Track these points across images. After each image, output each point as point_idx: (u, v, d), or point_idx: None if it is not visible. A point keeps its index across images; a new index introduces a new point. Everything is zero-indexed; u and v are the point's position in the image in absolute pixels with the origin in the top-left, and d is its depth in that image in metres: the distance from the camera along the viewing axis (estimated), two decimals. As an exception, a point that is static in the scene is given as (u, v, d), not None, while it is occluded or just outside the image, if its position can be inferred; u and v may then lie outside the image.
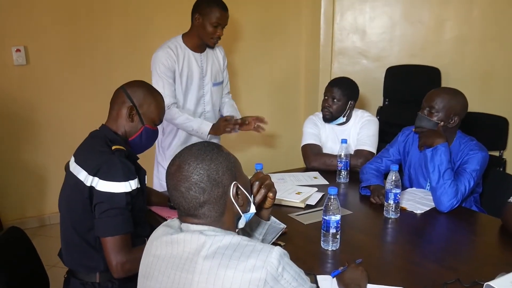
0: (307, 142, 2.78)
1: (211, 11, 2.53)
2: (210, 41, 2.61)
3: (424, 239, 1.92)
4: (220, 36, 2.61)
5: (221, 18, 2.55)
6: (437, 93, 2.22)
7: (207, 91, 2.76)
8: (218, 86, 2.83)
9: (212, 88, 2.78)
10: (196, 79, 2.70)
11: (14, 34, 3.41)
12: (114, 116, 1.75)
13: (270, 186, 1.32)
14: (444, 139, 2.10)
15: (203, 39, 2.62)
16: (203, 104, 2.77)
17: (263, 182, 1.30)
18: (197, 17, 2.57)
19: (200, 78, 2.71)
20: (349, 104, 2.69)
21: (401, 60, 4.19)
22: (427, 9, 4.14)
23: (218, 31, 2.58)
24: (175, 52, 2.61)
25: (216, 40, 2.62)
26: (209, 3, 2.54)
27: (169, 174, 1.14)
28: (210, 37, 2.59)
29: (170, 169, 1.15)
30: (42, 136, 3.64)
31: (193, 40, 2.66)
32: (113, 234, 1.54)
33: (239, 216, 1.19)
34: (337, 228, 1.71)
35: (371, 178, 2.31)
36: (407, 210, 2.10)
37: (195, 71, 2.69)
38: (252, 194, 1.27)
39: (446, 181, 2.04)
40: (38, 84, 3.55)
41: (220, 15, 2.54)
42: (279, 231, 1.45)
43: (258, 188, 1.29)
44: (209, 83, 2.76)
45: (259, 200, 1.29)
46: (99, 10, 3.61)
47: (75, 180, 1.61)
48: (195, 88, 2.71)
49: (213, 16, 2.53)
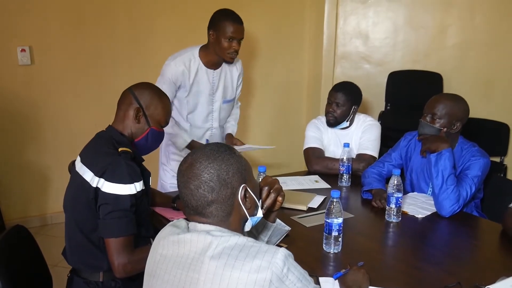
0: (309, 146, 2.79)
1: (225, 25, 2.48)
2: (227, 56, 2.54)
3: (425, 243, 1.94)
4: (236, 50, 2.53)
5: (235, 32, 2.49)
6: (439, 99, 2.23)
7: (216, 108, 2.74)
8: (228, 104, 2.81)
9: (221, 105, 2.76)
10: (205, 95, 2.67)
11: (19, 34, 3.43)
12: (121, 117, 1.77)
13: (279, 191, 1.35)
14: (448, 145, 2.12)
15: (220, 55, 2.56)
16: (211, 120, 2.76)
17: (272, 186, 1.33)
18: (212, 33, 2.53)
19: (210, 94, 2.68)
20: (352, 109, 2.71)
21: (404, 66, 4.20)
22: (430, 15, 4.15)
23: (233, 45, 2.50)
24: (188, 67, 2.58)
25: (233, 54, 2.54)
26: (222, 18, 2.51)
27: (180, 171, 1.17)
28: (226, 52, 2.52)
29: (182, 166, 1.17)
30: (45, 136, 3.66)
31: (208, 57, 2.61)
32: (116, 235, 1.57)
33: (245, 219, 1.21)
34: (339, 231, 1.73)
35: (373, 182, 2.32)
36: (409, 214, 2.12)
37: (205, 87, 2.65)
38: (261, 199, 1.30)
39: (449, 186, 2.06)
40: (42, 84, 3.57)
41: (233, 29, 2.48)
42: (284, 233, 1.47)
43: (267, 193, 1.32)
44: (219, 100, 2.73)
45: (269, 204, 1.32)
46: (104, 11, 3.63)
47: (81, 180, 1.63)
48: (204, 103, 2.69)
49: (227, 30, 2.47)
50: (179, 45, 3.84)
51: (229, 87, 2.77)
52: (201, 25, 3.94)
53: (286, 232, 1.48)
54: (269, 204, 1.32)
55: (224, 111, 2.81)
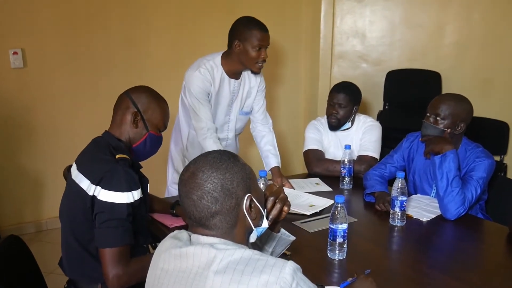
0: (309, 148, 2.75)
1: (252, 34, 2.35)
2: (255, 66, 2.42)
3: (432, 248, 1.89)
4: (265, 59, 2.41)
5: (263, 39, 2.37)
6: (442, 100, 2.19)
7: (233, 118, 2.63)
8: (245, 115, 2.70)
9: (238, 116, 2.65)
10: (224, 104, 2.55)
11: (11, 37, 3.37)
12: (118, 122, 1.72)
13: (285, 200, 1.29)
14: (452, 146, 2.08)
15: (247, 65, 2.44)
16: (227, 130, 2.66)
17: (277, 196, 1.28)
18: (237, 44, 2.38)
19: (229, 104, 2.57)
20: (354, 109, 2.66)
21: (401, 64, 4.17)
22: (427, 13, 4.12)
23: (262, 54, 2.38)
24: (211, 73, 2.44)
25: (261, 64, 2.43)
26: (248, 26, 2.38)
27: (182, 180, 1.11)
28: (255, 61, 2.39)
29: (184, 175, 1.12)
30: (39, 140, 3.59)
31: (231, 66, 2.48)
32: (111, 245, 1.51)
33: (250, 230, 1.16)
34: (344, 237, 1.68)
35: (375, 185, 2.28)
36: (413, 217, 2.07)
37: (225, 96, 2.53)
38: (266, 209, 1.24)
39: (454, 188, 2.02)
40: (35, 88, 3.50)
41: (261, 36, 2.36)
42: (288, 243, 1.42)
43: (273, 203, 1.26)
44: (236, 111, 2.63)
45: (275, 215, 1.26)
46: (98, 13, 3.57)
47: (77, 188, 1.57)
48: (222, 114, 2.58)
49: (254, 38, 2.35)
50: (175, 47, 3.84)
51: (248, 98, 2.64)
52: (198, 27, 3.94)
53: (291, 242, 1.43)
54: (275, 215, 1.26)
55: (240, 122, 2.69)
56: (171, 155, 2.76)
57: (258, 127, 2.73)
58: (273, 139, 2.72)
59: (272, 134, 2.73)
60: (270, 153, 2.65)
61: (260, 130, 2.73)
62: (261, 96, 2.69)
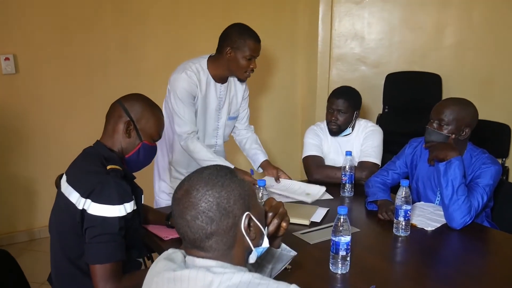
0: (308, 154, 2.67)
1: (245, 44, 2.30)
2: (243, 75, 2.39)
3: (437, 259, 1.81)
4: (253, 69, 2.38)
5: (255, 50, 2.33)
6: (446, 105, 2.12)
7: (221, 124, 2.58)
8: (232, 120, 2.65)
9: (226, 121, 2.59)
10: (212, 110, 2.49)
11: (2, 42, 3.29)
12: (110, 131, 1.65)
13: (284, 216, 1.22)
14: (457, 152, 2.00)
15: (235, 73, 2.41)
16: (216, 137, 2.59)
17: (276, 212, 1.20)
18: (229, 51, 2.33)
19: (217, 109, 2.51)
20: (354, 114, 2.59)
21: (401, 67, 4.11)
22: (426, 15, 4.07)
23: (252, 64, 2.35)
24: (197, 76, 2.38)
25: (249, 73, 2.40)
26: (242, 35, 2.32)
27: (175, 199, 1.04)
28: (244, 71, 2.36)
29: (177, 193, 1.04)
30: (31, 147, 3.51)
31: (218, 71, 2.42)
32: (102, 261, 1.43)
33: (250, 250, 1.08)
34: (347, 250, 1.61)
35: (377, 192, 2.21)
36: (417, 226, 2.00)
37: (212, 101, 2.48)
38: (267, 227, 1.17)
39: (460, 197, 1.95)
40: (28, 94, 3.43)
41: (254, 47, 2.32)
42: (289, 259, 1.34)
43: (271, 219, 1.18)
44: (224, 117, 2.57)
45: (272, 231, 1.18)
46: (92, 17, 3.50)
47: (66, 202, 1.50)
48: (210, 120, 2.52)
49: (247, 48, 2.30)
50: (172, 50, 3.76)
51: (234, 103, 2.60)
52: (194, 31, 3.86)
53: (292, 257, 1.35)
54: (272, 231, 1.18)
55: (228, 128, 2.64)
56: (157, 163, 2.68)
57: (242, 132, 2.75)
58: (257, 139, 2.75)
59: (255, 135, 2.76)
60: (257, 150, 2.69)
61: (244, 134, 2.75)
62: (246, 104, 2.71)
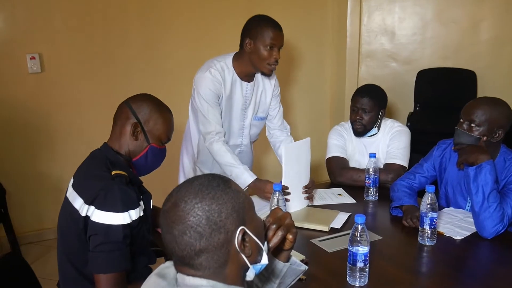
0: (332, 155, 2.56)
1: (264, 32, 2.20)
2: (266, 67, 2.26)
3: (465, 272, 1.68)
4: (277, 60, 2.25)
5: (276, 38, 2.21)
6: (477, 104, 1.97)
7: (247, 124, 2.48)
8: (260, 121, 2.54)
9: (252, 121, 2.50)
10: (237, 109, 2.40)
11: (28, 41, 3.31)
12: (117, 133, 1.60)
13: (290, 227, 1.13)
14: (489, 156, 1.86)
15: (258, 65, 2.27)
16: (241, 137, 2.50)
17: (281, 224, 1.11)
18: (248, 42, 2.23)
19: (242, 109, 2.42)
20: (380, 113, 2.47)
21: (434, 63, 3.95)
22: (461, 9, 3.90)
23: (274, 54, 2.23)
24: (222, 75, 2.29)
25: (273, 65, 2.27)
26: (260, 23, 2.22)
27: (162, 212, 0.96)
28: (266, 62, 2.24)
29: (165, 205, 0.96)
30: (57, 146, 3.53)
31: (243, 67, 2.33)
32: (106, 271, 1.38)
33: (246, 268, 0.99)
34: (365, 261, 1.50)
35: (403, 197, 2.08)
36: (445, 235, 1.87)
37: (238, 100, 2.38)
38: (267, 240, 1.08)
39: (492, 204, 1.81)
40: (53, 93, 3.44)
41: (273, 35, 2.20)
42: (299, 273, 1.25)
43: (274, 232, 1.09)
44: (250, 116, 2.48)
45: (275, 244, 1.09)
46: (116, 16, 3.49)
47: (70, 208, 1.46)
48: (236, 119, 2.43)
49: (266, 36, 2.19)
50: (195, 49, 3.71)
51: (262, 103, 2.49)
52: (217, 28, 3.80)
53: (302, 272, 1.26)
54: (275, 244, 1.09)
55: (254, 128, 2.54)
56: (182, 164, 2.62)
57: (276, 133, 2.59)
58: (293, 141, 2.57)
59: (291, 139, 2.58)
60: None
61: (278, 136, 2.59)
62: (277, 101, 2.55)
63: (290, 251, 1.20)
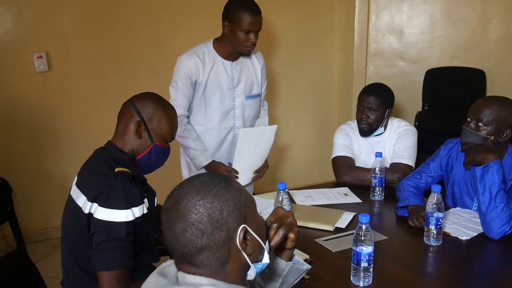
0: (338, 154, 2.55)
1: (241, 16, 2.25)
2: (244, 49, 2.35)
3: (471, 273, 1.66)
4: (254, 43, 2.32)
5: (252, 24, 2.27)
6: (484, 103, 1.95)
7: (238, 104, 2.49)
8: (253, 100, 2.56)
9: (244, 101, 2.51)
10: (224, 90, 2.44)
11: (35, 40, 3.32)
12: (121, 132, 1.60)
13: (292, 226, 1.12)
14: (496, 156, 1.83)
15: (236, 47, 2.36)
16: (233, 118, 2.51)
17: (282, 222, 1.10)
18: (226, 24, 2.32)
19: (230, 89, 2.46)
20: (386, 112, 2.45)
21: (442, 62, 3.91)
22: (470, 7, 3.85)
23: (250, 38, 2.29)
24: (202, 59, 2.37)
25: (250, 47, 2.34)
26: (238, 8, 2.27)
27: (164, 209, 0.96)
28: (243, 45, 2.32)
29: (166, 203, 0.96)
30: (64, 144, 3.54)
31: (224, 48, 2.41)
32: (109, 268, 1.38)
33: (247, 266, 0.98)
34: (370, 261, 1.49)
35: (409, 197, 2.06)
36: (451, 235, 1.85)
37: (224, 81, 2.43)
38: (268, 238, 1.07)
39: (499, 204, 1.78)
40: (61, 92, 3.45)
41: (251, 20, 2.26)
42: (302, 272, 1.24)
43: (275, 230, 1.09)
44: (242, 96, 2.49)
45: (277, 242, 1.08)
46: (124, 16, 3.49)
47: (73, 206, 1.46)
48: (225, 99, 2.46)
49: (244, 21, 2.25)
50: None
51: (253, 81, 2.53)
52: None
53: (305, 271, 1.25)
54: (277, 243, 1.08)
55: (249, 109, 2.55)
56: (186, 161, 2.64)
57: None
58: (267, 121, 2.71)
59: (267, 117, 2.71)
60: None
61: None
62: (264, 84, 2.65)
63: (292, 250, 1.20)
